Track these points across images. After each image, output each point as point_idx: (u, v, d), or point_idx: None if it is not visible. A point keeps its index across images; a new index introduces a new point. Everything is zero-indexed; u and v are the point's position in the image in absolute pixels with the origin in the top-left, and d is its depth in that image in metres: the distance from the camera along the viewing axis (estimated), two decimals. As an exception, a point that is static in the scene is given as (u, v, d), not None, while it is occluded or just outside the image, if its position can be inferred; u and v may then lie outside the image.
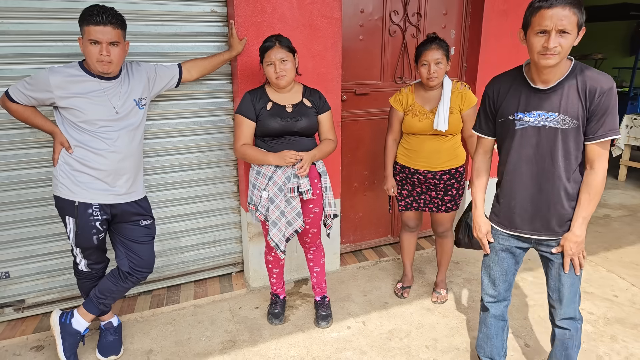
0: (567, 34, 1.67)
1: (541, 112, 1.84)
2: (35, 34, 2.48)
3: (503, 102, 1.95)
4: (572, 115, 1.79)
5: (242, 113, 2.48)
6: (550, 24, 1.67)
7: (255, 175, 2.54)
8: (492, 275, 2.19)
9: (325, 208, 2.68)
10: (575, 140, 1.83)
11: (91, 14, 2.06)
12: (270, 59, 2.40)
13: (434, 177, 2.78)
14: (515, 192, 2.00)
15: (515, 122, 1.91)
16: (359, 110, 3.49)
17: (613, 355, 2.60)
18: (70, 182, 2.22)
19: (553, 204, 1.92)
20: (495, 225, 2.13)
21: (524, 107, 1.88)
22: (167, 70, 2.53)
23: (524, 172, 1.95)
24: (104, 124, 2.20)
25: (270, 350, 2.63)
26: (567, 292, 2.01)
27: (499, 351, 2.30)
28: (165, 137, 2.92)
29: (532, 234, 2.01)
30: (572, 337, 2.08)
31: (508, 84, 1.96)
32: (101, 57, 2.10)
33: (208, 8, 2.81)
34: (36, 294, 2.88)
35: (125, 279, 2.41)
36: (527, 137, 1.89)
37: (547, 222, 1.96)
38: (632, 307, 3.06)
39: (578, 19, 1.66)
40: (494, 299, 2.22)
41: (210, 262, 3.33)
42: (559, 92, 1.80)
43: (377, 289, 3.30)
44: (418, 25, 3.51)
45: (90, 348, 2.61)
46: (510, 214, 2.04)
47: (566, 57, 1.77)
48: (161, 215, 3.02)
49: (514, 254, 2.13)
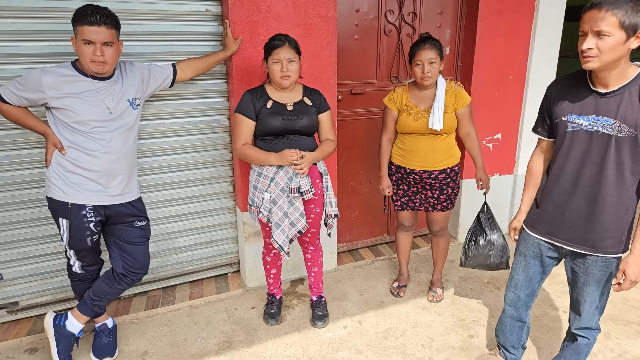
0: (605, 36, 1.59)
1: (597, 116, 1.75)
2: (27, 34, 2.45)
3: (560, 103, 1.88)
4: (630, 123, 1.68)
5: (242, 112, 2.46)
6: (587, 26, 1.62)
7: (256, 177, 2.53)
8: (515, 279, 2.17)
9: (327, 208, 2.67)
10: (632, 151, 1.71)
11: (85, 13, 2.03)
12: (279, 57, 2.38)
13: (429, 176, 2.78)
14: (555, 197, 1.93)
15: (568, 124, 1.83)
16: (354, 109, 3.49)
17: (607, 352, 2.62)
18: (63, 184, 2.21)
19: (594, 216, 1.83)
20: (527, 229, 2.07)
21: (580, 109, 1.80)
22: (161, 70, 2.51)
23: (569, 177, 1.87)
24: (97, 125, 2.18)
25: (267, 351, 2.63)
26: (589, 307, 1.97)
27: (514, 343, 2.35)
28: (160, 137, 2.90)
29: (565, 243, 1.94)
30: (588, 344, 2.06)
31: (568, 85, 1.88)
32: (95, 57, 2.08)
33: (202, 7, 2.79)
34: (30, 296, 2.86)
35: (119, 280, 2.40)
36: (578, 141, 1.81)
37: (585, 234, 1.87)
38: (625, 304, 3.07)
39: (619, 20, 1.56)
40: (513, 302, 2.22)
41: (206, 262, 3.31)
42: (619, 97, 1.70)
43: (373, 288, 3.30)
44: (413, 24, 3.51)
45: (84, 350, 2.60)
46: (546, 218, 1.98)
47: (626, 61, 1.68)
48: (156, 216, 3.00)
49: (543, 263, 2.08)
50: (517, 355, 2.39)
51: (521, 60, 3.74)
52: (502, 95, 3.74)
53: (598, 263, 1.89)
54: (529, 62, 3.76)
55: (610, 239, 1.84)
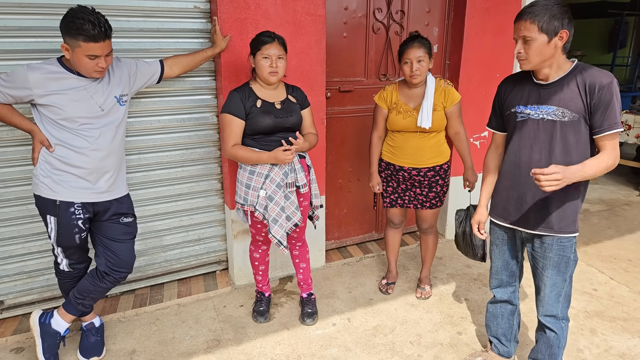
0: (530, 41, 1.84)
1: (541, 105, 1.93)
2: (13, 30, 2.42)
3: (509, 96, 2.07)
4: (572, 109, 1.86)
5: (232, 112, 2.44)
6: (516, 34, 1.88)
7: (248, 176, 2.52)
8: (494, 267, 2.32)
9: (313, 200, 2.72)
10: (576, 133, 1.89)
11: (85, 28, 1.95)
12: (268, 53, 2.39)
13: (418, 173, 2.79)
14: (511, 185, 2.07)
15: (517, 114, 2.02)
16: (343, 107, 3.49)
17: (593, 348, 2.65)
18: (51, 181, 2.18)
19: (550, 198, 1.96)
20: (494, 219, 2.21)
21: (526, 100, 1.99)
22: (148, 66, 2.49)
23: (522, 164, 2.02)
24: (85, 122, 2.16)
25: (256, 349, 2.63)
26: (550, 291, 2.08)
27: (506, 332, 2.40)
28: (147, 135, 2.88)
29: (525, 227, 2.07)
30: (557, 337, 2.13)
31: (515, 81, 2.08)
32: (98, 67, 2.08)
33: (191, 4, 2.78)
34: (15, 295, 2.82)
35: (102, 278, 2.35)
36: (527, 129, 1.98)
37: (542, 216, 2.00)
38: (611, 300, 3.12)
39: (539, 26, 1.81)
40: (498, 286, 2.33)
41: (194, 260, 3.30)
42: (559, 87, 1.90)
43: (361, 285, 3.31)
44: (401, 22, 3.52)
45: (71, 349, 2.58)
46: (506, 206, 2.11)
47: (560, 57, 1.89)
48: (144, 214, 2.98)
49: (515, 247, 2.21)
50: (509, 348, 2.43)
51: (508, 58, 3.77)
52: (489, 93, 3.76)
53: (554, 246, 2.02)
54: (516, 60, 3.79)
55: (566, 219, 1.98)
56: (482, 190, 2.29)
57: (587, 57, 8.61)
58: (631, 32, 9.43)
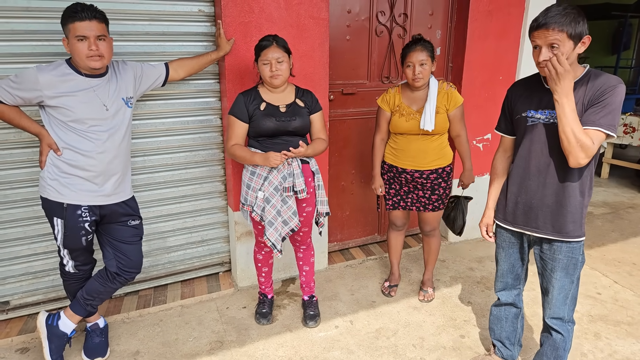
0: (559, 47, 1.78)
1: (552, 110, 1.90)
2: (20, 34, 2.44)
3: (519, 101, 2.05)
4: (581, 114, 1.84)
5: (235, 115, 2.49)
6: (540, 42, 1.81)
7: (249, 176, 2.55)
8: (500, 269, 2.31)
9: (318, 206, 2.70)
10: None
11: (75, 11, 2.04)
12: (267, 58, 2.41)
13: (421, 176, 2.80)
14: (521, 188, 2.07)
15: (527, 118, 2.00)
16: (346, 109, 3.51)
17: (597, 352, 2.65)
18: (59, 184, 2.20)
19: (560, 202, 1.96)
20: (499, 222, 2.21)
21: (537, 105, 1.97)
22: (153, 69, 2.51)
23: (531, 167, 2.01)
24: (94, 123, 2.18)
25: (258, 351, 2.64)
26: (558, 293, 2.07)
27: (509, 335, 2.40)
28: (152, 137, 2.90)
29: (534, 231, 2.06)
30: (563, 340, 2.13)
31: (525, 85, 2.07)
32: (91, 51, 2.08)
33: (195, 8, 2.80)
34: (21, 296, 2.85)
35: (113, 279, 2.40)
36: (537, 133, 1.97)
37: (552, 220, 1.99)
38: (615, 304, 3.11)
39: (568, 34, 1.76)
40: (503, 289, 2.34)
41: (198, 261, 3.32)
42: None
43: (364, 287, 3.32)
44: (404, 25, 3.53)
45: (76, 350, 2.59)
46: (514, 210, 2.11)
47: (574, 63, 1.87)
48: (148, 215, 3.00)
49: (521, 250, 2.21)
50: (513, 351, 2.43)
51: (511, 61, 3.77)
52: (492, 95, 3.77)
53: (563, 249, 2.01)
54: (519, 63, 3.80)
55: (573, 223, 1.97)
56: (490, 193, 2.28)
57: (590, 59, 8.61)
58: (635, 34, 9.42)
